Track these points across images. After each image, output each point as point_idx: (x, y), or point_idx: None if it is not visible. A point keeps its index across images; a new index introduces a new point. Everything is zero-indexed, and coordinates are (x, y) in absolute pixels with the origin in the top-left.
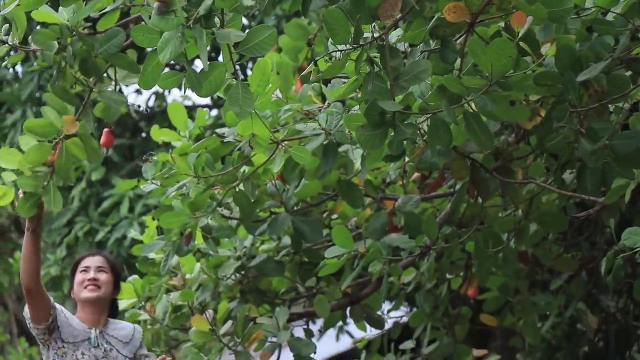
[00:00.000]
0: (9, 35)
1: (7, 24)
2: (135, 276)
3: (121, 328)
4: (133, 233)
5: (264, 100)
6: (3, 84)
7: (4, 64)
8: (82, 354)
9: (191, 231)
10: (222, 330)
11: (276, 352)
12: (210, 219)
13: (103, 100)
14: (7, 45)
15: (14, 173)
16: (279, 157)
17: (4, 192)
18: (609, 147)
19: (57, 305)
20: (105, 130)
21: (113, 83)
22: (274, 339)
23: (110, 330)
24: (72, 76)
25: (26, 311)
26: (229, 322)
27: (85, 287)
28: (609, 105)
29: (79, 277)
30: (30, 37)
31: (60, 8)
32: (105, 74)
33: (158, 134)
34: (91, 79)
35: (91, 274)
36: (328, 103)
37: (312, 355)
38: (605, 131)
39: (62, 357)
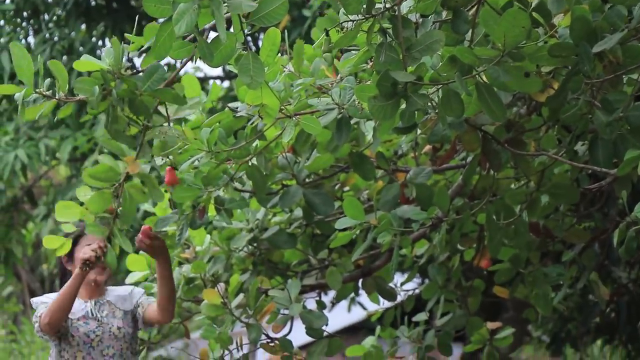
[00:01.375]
0: (51, 90)
1: (49, 78)
2: None
3: (118, 289)
4: (145, 205)
5: (273, 70)
6: None
7: (55, 118)
8: (72, 335)
9: (204, 205)
10: (234, 303)
11: (288, 324)
12: (223, 192)
13: (159, 138)
14: (53, 100)
15: (73, 225)
16: (290, 129)
17: (61, 243)
18: (624, 119)
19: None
20: (168, 168)
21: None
22: (286, 312)
23: (106, 296)
24: (125, 118)
25: (37, 328)
26: (241, 295)
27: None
28: (623, 77)
29: (79, 255)
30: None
31: (103, 55)
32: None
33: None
34: (140, 116)
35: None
36: (340, 77)
37: (323, 327)
38: (620, 102)
39: (58, 344)
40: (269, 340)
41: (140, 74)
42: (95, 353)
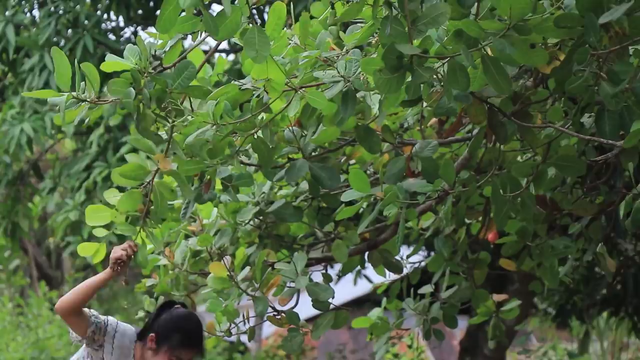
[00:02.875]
0: (84, 92)
1: (83, 82)
2: None
3: None
4: None
5: (279, 44)
6: (20, 28)
7: (86, 121)
8: None
9: (210, 179)
10: (240, 276)
11: (294, 297)
12: (229, 166)
13: (185, 133)
14: (86, 102)
15: (104, 228)
16: (295, 102)
17: (96, 249)
18: (630, 90)
19: (111, 325)
20: None
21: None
22: (292, 284)
23: None
24: (152, 115)
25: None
26: (247, 268)
27: None
28: (629, 48)
29: (166, 356)
30: (105, 88)
31: (125, 53)
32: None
33: None
34: (172, 114)
35: None
36: (346, 50)
37: (330, 300)
38: (626, 74)
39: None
40: (275, 313)
41: (167, 70)
42: None
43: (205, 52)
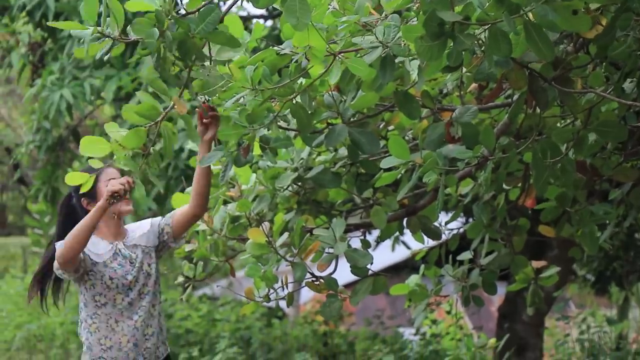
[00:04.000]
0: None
1: (108, 17)
2: None
3: (137, 228)
4: (190, 144)
5: (319, 11)
6: None
7: (106, 57)
8: (110, 278)
9: (249, 143)
10: (279, 242)
11: (333, 263)
12: (268, 130)
13: (201, 77)
14: (109, 38)
15: (100, 160)
16: (336, 69)
17: (85, 179)
18: None
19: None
20: (204, 105)
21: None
22: (331, 250)
23: (129, 239)
24: (172, 58)
25: (56, 266)
26: (286, 234)
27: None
28: None
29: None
30: (128, 27)
31: None
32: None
33: None
34: (189, 58)
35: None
36: (385, 15)
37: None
38: None
39: (92, 288)
40: (314, 279)
41: (190, 15)
42: (133, 294)
43: (243, 18)
